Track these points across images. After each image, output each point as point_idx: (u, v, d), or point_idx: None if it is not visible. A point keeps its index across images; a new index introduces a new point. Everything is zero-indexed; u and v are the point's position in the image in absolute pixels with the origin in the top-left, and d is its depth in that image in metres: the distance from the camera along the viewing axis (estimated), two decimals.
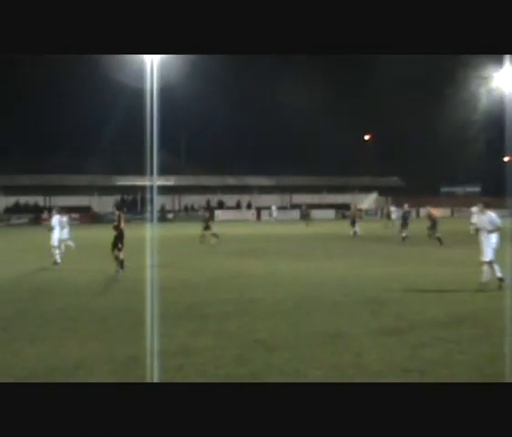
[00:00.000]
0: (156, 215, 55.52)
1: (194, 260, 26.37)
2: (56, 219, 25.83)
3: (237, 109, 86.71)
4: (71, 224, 27.00)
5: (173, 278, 19.40)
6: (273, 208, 74.42)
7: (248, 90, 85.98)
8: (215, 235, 34.76)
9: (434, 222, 34.34)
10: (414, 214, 37.64)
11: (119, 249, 21.34)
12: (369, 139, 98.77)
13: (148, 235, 35.31)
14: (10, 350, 10.63)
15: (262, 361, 9.72)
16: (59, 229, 25.65)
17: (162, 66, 27.66)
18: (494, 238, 16.91)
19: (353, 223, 41.80)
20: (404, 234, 35.78)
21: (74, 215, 71.30)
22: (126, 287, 18.36)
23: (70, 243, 27.86)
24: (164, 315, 12.48)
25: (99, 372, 9.23)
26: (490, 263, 16.65)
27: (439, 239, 32.69)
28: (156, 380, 8.74)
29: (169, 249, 29.42)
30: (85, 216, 71.57)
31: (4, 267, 24.29)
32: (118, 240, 21.34)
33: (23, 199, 72.83)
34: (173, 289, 17.16)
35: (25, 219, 68.17)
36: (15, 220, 65.70)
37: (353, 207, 42.81)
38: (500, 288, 16.29)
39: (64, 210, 27.75)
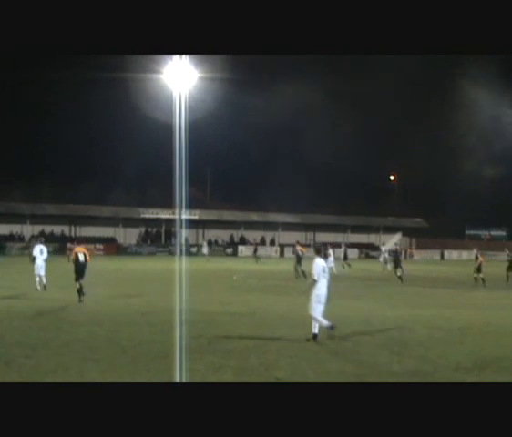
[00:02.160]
0: (183, 248, 55.62)
1: (217, 295, 26.37)
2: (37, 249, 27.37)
3: (263, 145, 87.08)
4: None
5: (196, 311, 19.37)
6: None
7: (275, 126, 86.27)
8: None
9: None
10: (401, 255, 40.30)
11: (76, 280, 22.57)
12: (394, 179, 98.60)
13: (172, 268, 35.39)
14: (32, 379, 10.67)
15: None
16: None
17: (190, 100, 27.90)
18: (318, 288, 15.31)
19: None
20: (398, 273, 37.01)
21: (98, 245, 71.68)
22: (149, 320, 18.36)
23: None
24: (186, 348, 12.47)
25: None
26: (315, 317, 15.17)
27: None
28: None
29: (193, 283, 29.42)
30: (109, 246, 72.03)
31: (26, 294, 24.48)
32: (75, 272, 22.72)
33: (48, 228, 73.39)
34: (196, 322, 17.13)
35: (49, 248, 68.27)
36: None
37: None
38: (308, 341, 14.85)
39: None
